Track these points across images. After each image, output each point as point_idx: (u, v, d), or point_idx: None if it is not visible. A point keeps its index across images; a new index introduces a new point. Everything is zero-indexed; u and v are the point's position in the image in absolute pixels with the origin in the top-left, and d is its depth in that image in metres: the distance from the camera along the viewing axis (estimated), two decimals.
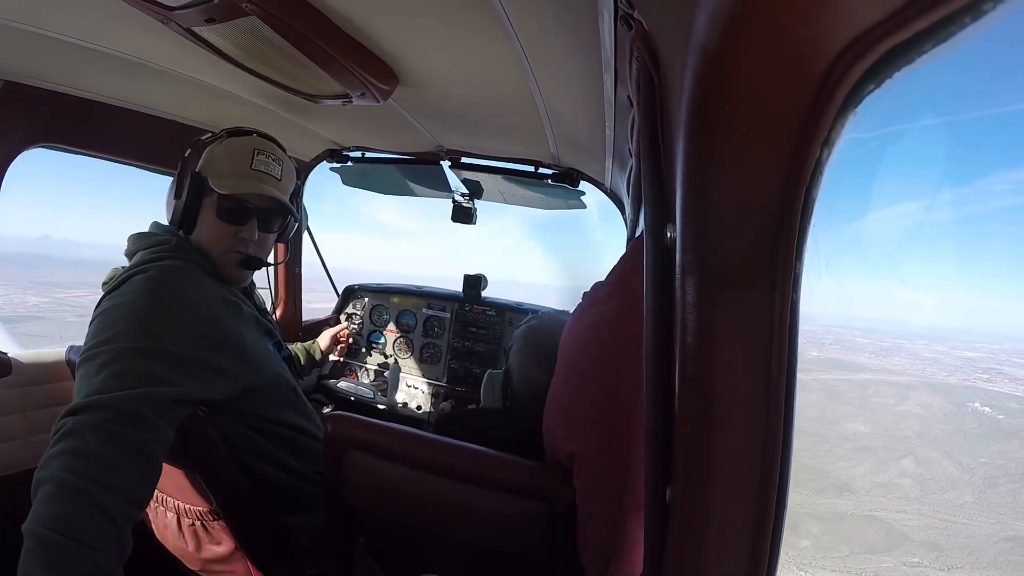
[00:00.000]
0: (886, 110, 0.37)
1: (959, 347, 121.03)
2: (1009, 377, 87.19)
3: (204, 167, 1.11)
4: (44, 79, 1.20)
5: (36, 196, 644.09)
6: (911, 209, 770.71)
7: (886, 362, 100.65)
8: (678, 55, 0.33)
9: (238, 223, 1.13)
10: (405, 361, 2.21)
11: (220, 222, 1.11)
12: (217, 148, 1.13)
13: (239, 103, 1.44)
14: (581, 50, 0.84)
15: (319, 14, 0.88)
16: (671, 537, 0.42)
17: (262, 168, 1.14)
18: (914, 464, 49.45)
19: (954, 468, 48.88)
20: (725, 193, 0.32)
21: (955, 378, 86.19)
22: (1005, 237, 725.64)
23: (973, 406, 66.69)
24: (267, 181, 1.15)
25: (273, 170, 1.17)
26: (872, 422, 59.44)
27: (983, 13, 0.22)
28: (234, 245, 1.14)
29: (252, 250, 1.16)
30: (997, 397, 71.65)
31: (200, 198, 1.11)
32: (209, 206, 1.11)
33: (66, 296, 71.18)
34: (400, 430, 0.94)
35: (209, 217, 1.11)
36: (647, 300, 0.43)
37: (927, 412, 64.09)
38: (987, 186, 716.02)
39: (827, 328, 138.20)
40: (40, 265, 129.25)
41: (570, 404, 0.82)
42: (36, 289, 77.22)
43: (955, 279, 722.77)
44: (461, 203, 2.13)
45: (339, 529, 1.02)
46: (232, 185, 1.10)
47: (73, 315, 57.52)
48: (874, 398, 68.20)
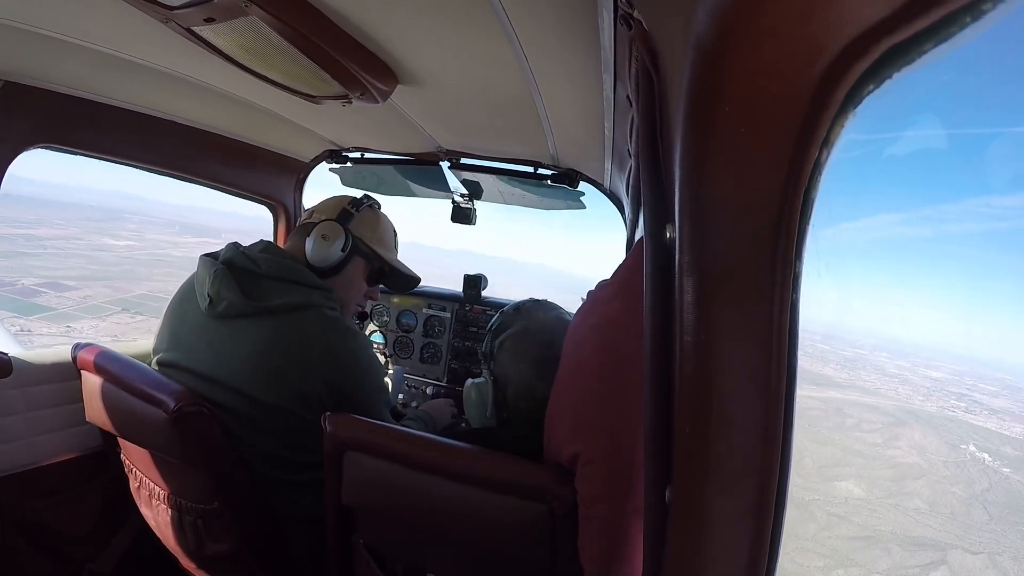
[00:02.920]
0: (885, 110, 0.36)
1: (920, 364, 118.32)
2: (986, 408, 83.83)
3: (362, 231, 1.33)
4: (44, 79, 1.20)
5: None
6: (883, 221, 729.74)
7: (855, 377, 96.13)
8: (677, 55, 0.33)
9: (373, 285, 1.41)
10: (405, 361, 2.21)
11: (364, 283, 1.37)
12: (376, 216, 1.39)
13: (239, 103, 1.44)
14: (581, 50, 0.84)
15: (319, 14, 0.88)
16: (670, 537, 0.42)
17: (397, 243, 1.47)
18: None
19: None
20: (724, 193, 0.32)
21: (932, 404, 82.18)
22: (942, 256, 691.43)
23: (970, 451, 57.45)
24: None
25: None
26: (865, 477, 47.14)
27: (983, 13, 0.22)
28: (359, 300, 1.40)
29: (366, 306, 1.50)
30: (988, 437, 63.07)
31: (351, 255, 1.31)
32: (361, 266, 1.34)
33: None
34: (400, 430, 0.94)
35: (357, 274, 1.34)
36: (646, 300, 0.43)
37: (926, 461, 52.51)
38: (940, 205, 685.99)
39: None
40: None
41: (573, 405, 0.82)
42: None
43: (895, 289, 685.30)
44: (460, 204, 2.13)
45: (339, 529, 1.02)
46: (395, 260, 1.42)
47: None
48: (856, 432, 57.42)
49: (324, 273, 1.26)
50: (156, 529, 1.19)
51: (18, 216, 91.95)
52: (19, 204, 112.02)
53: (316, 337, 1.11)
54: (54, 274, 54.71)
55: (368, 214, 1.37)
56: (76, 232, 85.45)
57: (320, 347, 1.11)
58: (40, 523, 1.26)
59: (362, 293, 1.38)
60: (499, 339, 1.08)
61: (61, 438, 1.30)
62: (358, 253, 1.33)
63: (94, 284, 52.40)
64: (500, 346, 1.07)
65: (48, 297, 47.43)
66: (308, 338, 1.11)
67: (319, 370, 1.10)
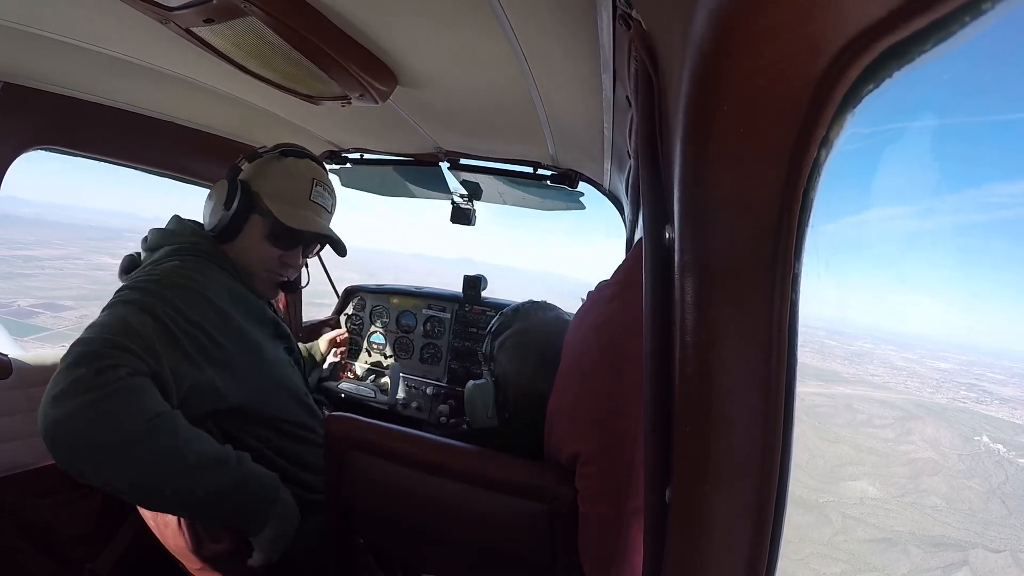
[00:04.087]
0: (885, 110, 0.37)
1: (928, 356, 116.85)
2: (996, 397, 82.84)
3: (258, 183, 1.10)
4: (43, 80, 1.20)
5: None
6: (883, 215, 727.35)
7: (862, 371, 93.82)
8: (676, 55, 0.33)
9: (285, 249, 1.14)
10: (405, 361, 2.21)
11: (267, 244, 1.12)
12: (275, 166, 1.12)
13: (238, 104, 1.44)
14: (580, 50, 0.84)
15: (318, 15, 0.88)
16: (670, 537, 0.42)
17: (319, 201, 1.15)
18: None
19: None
20: (724, 193, 0.32)
21: (942, 395, 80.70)
22: (938, 246, 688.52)
23: (984, 442, 55.32)
24: (322, 215, 1.15)
25: (328, 203, 1.17)
26: (880, 476, 44.33)
27: (983, 13, 0.22)
28: (276, 268, 1.15)
29: (289, 274, 1.19)
30: (1000, 427, 60.73)
31: (249, 214, 1.10)
32: (258, 224, 1.11)
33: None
34: (400, 431, 0.94)
35: (256, 235, 1.11)
36: (646, 300, 0.43)
37: (940, 455, 50.34)
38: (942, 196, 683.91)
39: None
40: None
41: (573, 406, 0.82)
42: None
43: (911, 281, 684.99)
44: (460, 204, 2.14)
45: (339, 529, 1.02)
46: (291, 215, 1.11)
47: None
48: (867, 428, 55.43)
49: (222, 239, 1.09)
50: (155, 530, 1.19)
51: (17, 237, 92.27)
52: (18, 226, 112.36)
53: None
54: (51, 294, 54.74)
55: (262, 164, 1.13)
56: (75, 252, 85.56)
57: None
58: (40, 523, 1.26)
59: (272, 258, 1.13)
60: (499, 340, 1.07)
61: None
62: (255, 211, 1.10)
63: (90, 304, 51.94)
64: (500, 347, 1.06)
65: (43, 318, 47.18)
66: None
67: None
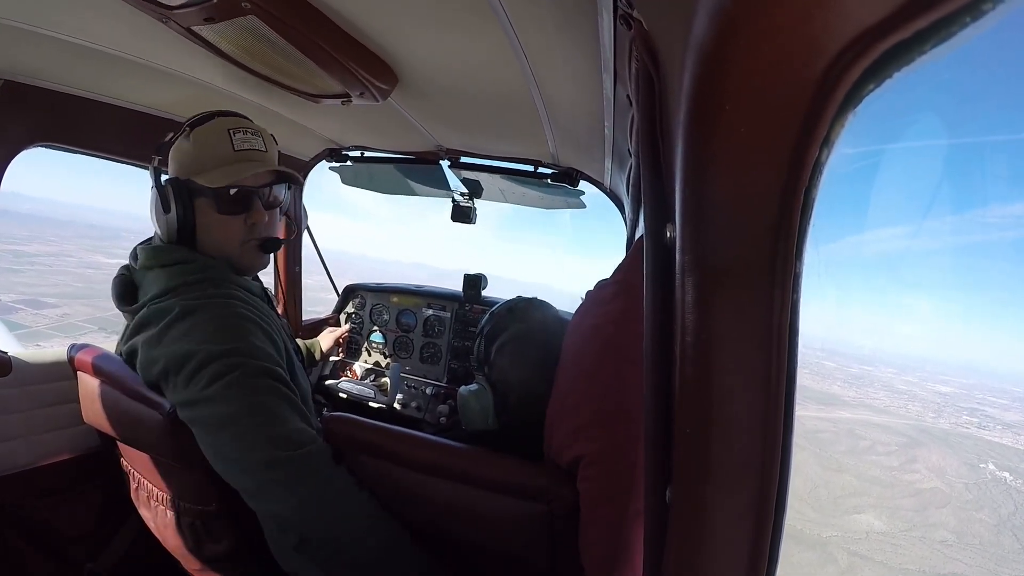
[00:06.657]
0: (885, 109, 0.36)
1: (928, 379, 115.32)
2: (999, 423, 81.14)
3: (182, 168, 1.06)
4: (43, 79, 1.20)
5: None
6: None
7: (863, 395, 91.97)
8: (677, 54, 0.33)
9: (243, 211, 1.08)
10: (405, 361, 2.21)
11: (224, 217, 1.07)
12: (186, 144, 1.06)
13: (238, 102, 1.44)
14: (580, 50, 0.84)
15: (319, 13, 0.88)
16: (671, 538, 0.42)
17: (246, 146, 1.08)
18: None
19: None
20: (725, 192, 0.32)
21: (944, 420, 79.14)
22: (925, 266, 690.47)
23: (990, 470, 53.91)
24: (256, 157, 1.09)
25: (256, 144, 1.10)
26: (885, 508, 43.64)
27: (983, 13, 0.22)
28: (247, 235, 1.09)
29: (265, 232, 1.13)
30: (1005, 454, 59.15)
31: (191, 202, 1.05)
32: (206, 206, 1.06)
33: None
34: (400, 431, 0.94)
35: (211, 217, 1.07)
36: (646, 300, 0.43)
37: (947, 485, 48.51)
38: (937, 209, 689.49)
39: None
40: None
41: (574, 408, 0.81)
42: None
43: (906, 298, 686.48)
44: (460, 202, 2.14)
45: None
46: (223, 176, 1.03)
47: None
48: (870, 455, 53.79)
49: (187, 242, 1.07)
50: (155, 530, 1.19)
51: (11, 232, 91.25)
52: (14, 220, 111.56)
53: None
54: (35, 291, 54.14)
55: (175, 151, 1.08)
56: (69, 249, 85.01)
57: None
58: (40, 523, 1.26)
59: (239, 228, 1.09)
60: (496, 344, 1.03)
61: (61, 438, 1.30)
62: (195, 197, 1.05)
63: (75, 303, 51.65)
64: (499, 351, 1.02)
65: (24, 314, 46.56)
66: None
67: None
